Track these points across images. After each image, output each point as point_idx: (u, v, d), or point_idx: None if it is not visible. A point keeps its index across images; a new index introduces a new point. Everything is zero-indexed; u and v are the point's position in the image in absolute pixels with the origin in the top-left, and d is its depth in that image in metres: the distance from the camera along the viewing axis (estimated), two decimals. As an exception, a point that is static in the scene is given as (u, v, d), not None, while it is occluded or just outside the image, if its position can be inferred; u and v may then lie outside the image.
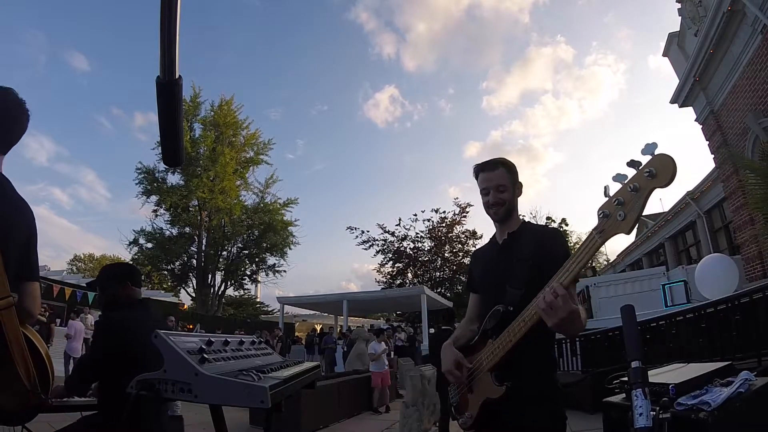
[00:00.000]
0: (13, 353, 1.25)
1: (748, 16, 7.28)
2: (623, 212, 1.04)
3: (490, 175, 1.56)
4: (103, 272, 2.12)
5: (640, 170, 1.01)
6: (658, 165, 0.98)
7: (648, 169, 0.99)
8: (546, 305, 1.14)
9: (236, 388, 1.13)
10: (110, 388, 1.82)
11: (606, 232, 1.08)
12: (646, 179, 1.00)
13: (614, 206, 1.06)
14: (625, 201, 1.04)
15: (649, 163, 1.00)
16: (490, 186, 1.55)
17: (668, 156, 0.97)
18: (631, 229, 1.05)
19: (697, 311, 4.88)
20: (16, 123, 1.42)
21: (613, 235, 1.08)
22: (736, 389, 1.99)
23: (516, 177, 1.59)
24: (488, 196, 1.56)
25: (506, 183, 1.55)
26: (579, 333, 1.34)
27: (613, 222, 1.06)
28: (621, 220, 1.04)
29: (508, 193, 1.55)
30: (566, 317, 1.13)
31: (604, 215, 1.08)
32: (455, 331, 1.74)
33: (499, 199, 1.54)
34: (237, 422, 5.71)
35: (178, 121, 0.96)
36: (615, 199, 1.06)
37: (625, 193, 1.04)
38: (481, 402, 1.42)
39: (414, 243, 25.69)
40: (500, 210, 1.55)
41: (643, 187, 1.00)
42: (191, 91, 26.14)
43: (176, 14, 0.77)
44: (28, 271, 1.38)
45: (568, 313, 1.13)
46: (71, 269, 34.39)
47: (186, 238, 27.14)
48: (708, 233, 11.26)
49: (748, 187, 6.44)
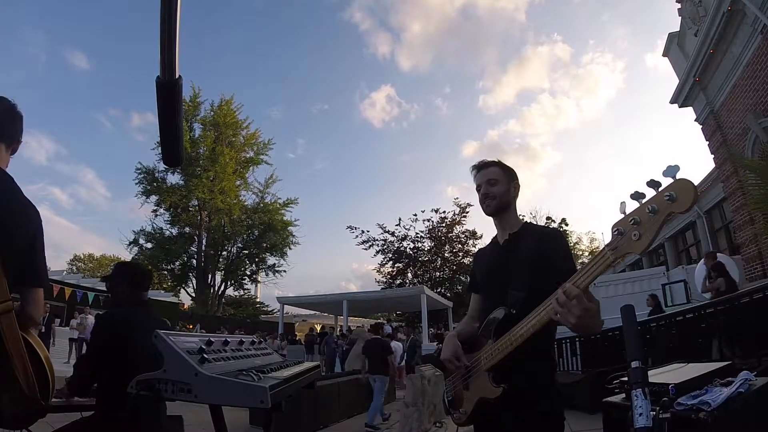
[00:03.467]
0: (12, 358, 1.22)
1: (748, 16, 7.29)
2: (638, 232, 1.02)
3: (484, 172, 1.62)
4: (117, 270, 2.15)
5: (660, 192, 0.99)
6: (679, 190, 0.96)
7: (669, 192, 0.97)
8: (561, 306, 1.13)
9: (236, 388, 1.13)
10: (110, 388, 1.82)
11: (619, 250, 1.07)
12: (665, 202, 0.98)
13: (630, 225, 1.04)
14: (641, 221, 1.02)
15: (670, 187, 0.98)
16: (482, 181, 1.61)
17: (690, 182, 0.95)
18: (644, 250, 1.04)
19: (697, 311, 4.88)
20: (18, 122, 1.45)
21: (626, 254, 1.07)
22: (736, 389, 1.99)
23: (511, 176, 1.61)
24: (481, 190, 1.61)
25: (498, 177, 1.59)
26: (595, 331, 1.34)
27: (627, 241, 1.05)
28: (635, 240, 1.03)
29: (500, 187, 1.58)
30: (583, 315, 1.12)
31: (619, 233, 1.07)
32: (458, 325, 1.76)
33: (490, 192, 1.58)
34: (237, 422, 5.71)
35: (178, 121, 0.96)
36: (631, 218, 1.04)
37: (642, 214, 1.02)
38: (477, 400, 1.42)
39: (414, 243, 25.73)
40: (492, 203, 1.58)
41: (662, 211, 0.98)
42: (191, 91, 26.21)
43: (176, 14, 0.77)
44: (32, 276, 1.35)
45: (584, 310, 1.11)
46: (71, 269, 34.38)
47: (186, 238, 27.16)
48: (708, 233, 11.27)
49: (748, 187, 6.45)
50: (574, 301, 1.11)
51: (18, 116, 1.45)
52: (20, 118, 1.45)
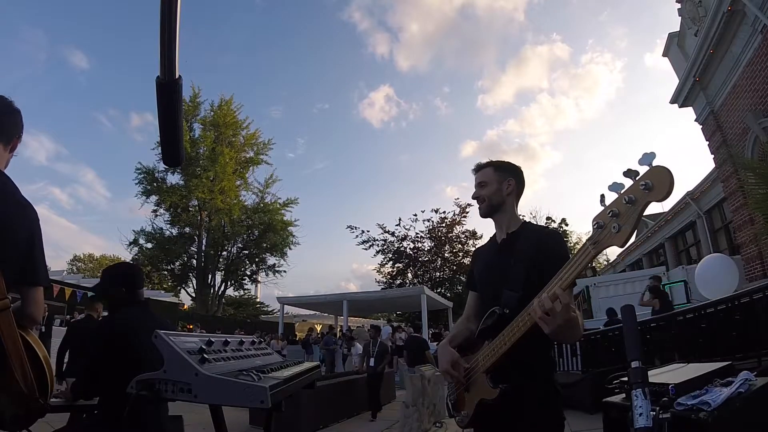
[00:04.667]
0: (10, 357, 1.22)
1: (748, 16, 7.29)
2: (617, 224, 1.01)
3: (476, 175, 1.65)
4: (105, 274, 2.11)
5: (636, 182, 0.98)
6: (655, 178, 0.95)
7: (644, 181, 0.96)
8: (542, 313, 1.13)
9: (236, 388, 1.13)
10: (111, 389, 1.82)
11: (600, 244, 1.07)
12: (641, 192, 0.96)
13: (609, 217, 1.04)
14: (620, 213, 1.01)
15: (645, 176, 0.96)
16: (475, 184, 1.64)
17: (665, 168, 0.94)
18: (625, 242, 1.02)
19: (697, 311, 4.88)
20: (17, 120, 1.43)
21: (607, 247, 1.06)
22: (736, 389, 1.99)
23: (506, 176, 1.60)
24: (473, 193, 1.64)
25: (488, 180, 1.60)
26: (576, 340, 1.32)
27: (607, 233, 1.04)
28: (615, 233, 1.02)
29: (489, 188, 1.59)
30: (563, 324, 1.12)
31: (599, 226, 1.06)
32: (452, 329, 1.74)
33: (480, 195, 1.60)
34: (237, 422, 5.72)
35: (178, 120, 0.96)
36: (610, 210, 1.03)
37: (620, 205, 1.01)
38: (477, 402, 1.42)
39: (414, 243, 25.71)
40: (482, 206, 1.61)
41: (639, 200, 0.97)
42: (191, 91, 26.19)
43: (176, 13, 0.77)
44: (30, 275, 1.35)
45: (565, 320, 1.12)
46: (71, 269, 34.38)
47: (186, 238, 27.15)
48: (708, 233, 11.27)
49: (748, 188, 6.45)
50: (555, 307, 1.11)
51: (15, 112, 1.42)
52: (18, 113, 1.43)
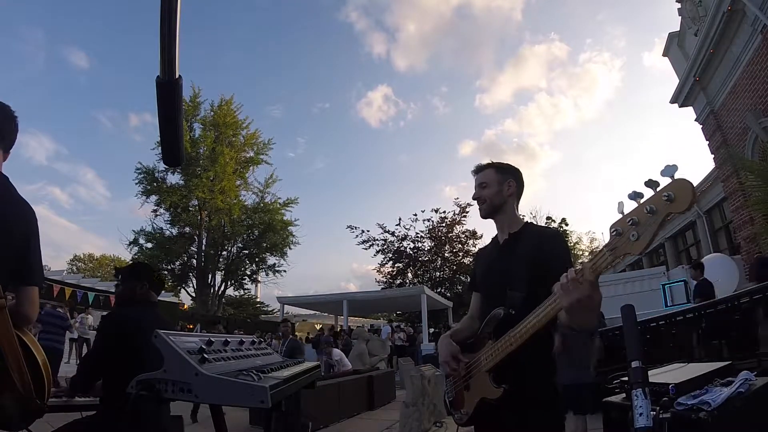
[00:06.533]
0: (7, 357, 1.21)
1: (748, 16, 7.29)
2: (636, 233, 1.02)
3: (476, 176, 1.65)
4: (131, 267, 2.23)
5: (658, 192, 0.99)
6: (677, 190, 0.95)
7: (667, 193, 0.96)
8: (568, 281, 1.10)
9: (236, 388, 1.13)
10: (111, 388, 1.82)
11: (618, 251, 1.06)
12: (664, 203, 0.97)
13: (628, 225, 1.04)
14: (639, 222, 1.01)
15: (668, 187, 0.97)
16: (475, 185, 1.63)
17: (688, 182, 0.95)
18: (643, 251, 1.03)
19: (697, 311, 4.88)
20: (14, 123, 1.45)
21: (625, 255, 1.06)
22: (736, 389, 1.99)
23: (505, 176, 1.60)
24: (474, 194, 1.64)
25: (488, 181, 1.60)
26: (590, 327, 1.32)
27: (625, 241, 1.04)
28: (634, 241, 1.02)
29: (489, 189, 1.59)
30: (583, 300, 1.08)
31: (617, 233, 1.06)
32: (456, 324, 1.75)
33: (480, 196, 1.60)
34: (237, 422, 5.71)
35: (179, 120, 0.96)
36: (629, 219, 1.03)
37: (640, 214, 1.02)
38: (477, 401, 1.42)
39: (414, 243, 25.68)
40: (482, 207, 1.61)
41: (660, 211, 0.98)
42: (191, 91, 26.12)
43: (176, 13, 0.77)
44: (27, 274, 1.35)
45: (585, 296, 1.08)
46: (71, 269, 34.38)
47: (186, 238, 27.12)
48: (708, 233, 11.27)
49: (748, 188, 6.45)
50: (582, 282, 1.08)
51: (14, 118, 1.44)
52: (16, 119, 1.45)
